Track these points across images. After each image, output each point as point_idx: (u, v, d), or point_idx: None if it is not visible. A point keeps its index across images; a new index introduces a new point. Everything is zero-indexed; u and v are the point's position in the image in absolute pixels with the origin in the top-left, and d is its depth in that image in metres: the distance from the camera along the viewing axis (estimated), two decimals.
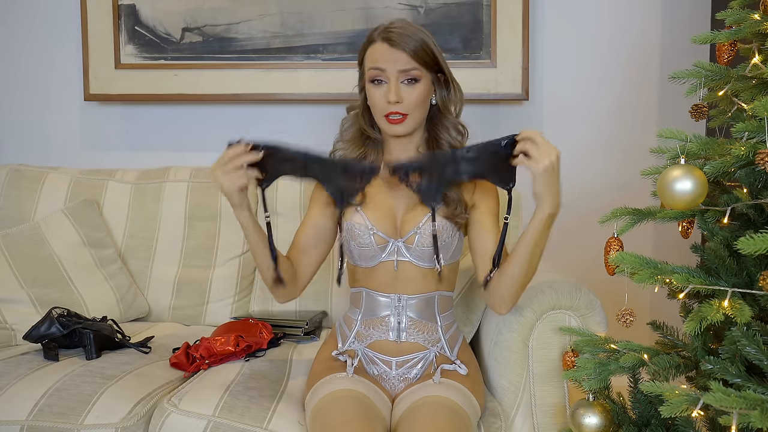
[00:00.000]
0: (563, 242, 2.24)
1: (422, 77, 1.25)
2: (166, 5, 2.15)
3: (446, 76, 1.29)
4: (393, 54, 1.23)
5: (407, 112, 1.25)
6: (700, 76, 1.14)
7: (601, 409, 1.18)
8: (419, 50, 1.23)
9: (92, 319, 1.60)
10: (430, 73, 1.26)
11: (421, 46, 1.23)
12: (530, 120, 2.22)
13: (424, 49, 1.24)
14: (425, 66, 1.24)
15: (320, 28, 2.14)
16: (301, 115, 2.25)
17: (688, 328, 0.98)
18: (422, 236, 1.27)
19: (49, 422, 1.25)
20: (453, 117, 1.32)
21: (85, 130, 2.31)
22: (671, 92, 2.17)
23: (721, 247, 1.07)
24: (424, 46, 1.24)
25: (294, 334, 1.68)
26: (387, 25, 1.26)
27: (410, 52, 1.22)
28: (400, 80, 1.24)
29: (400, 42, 1.22)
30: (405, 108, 1.24)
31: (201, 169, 2.04)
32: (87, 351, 1.48)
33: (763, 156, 0.93)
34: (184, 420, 1.23)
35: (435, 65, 1.26)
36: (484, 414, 1.30)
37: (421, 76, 1.24)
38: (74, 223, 1.87)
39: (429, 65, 1.25)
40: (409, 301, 1.30)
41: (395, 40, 1.23)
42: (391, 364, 1.29)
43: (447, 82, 1.30)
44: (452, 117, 1.32)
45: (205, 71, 2.16)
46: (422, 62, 1.24)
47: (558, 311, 1.33)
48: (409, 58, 1.23)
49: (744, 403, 0.85)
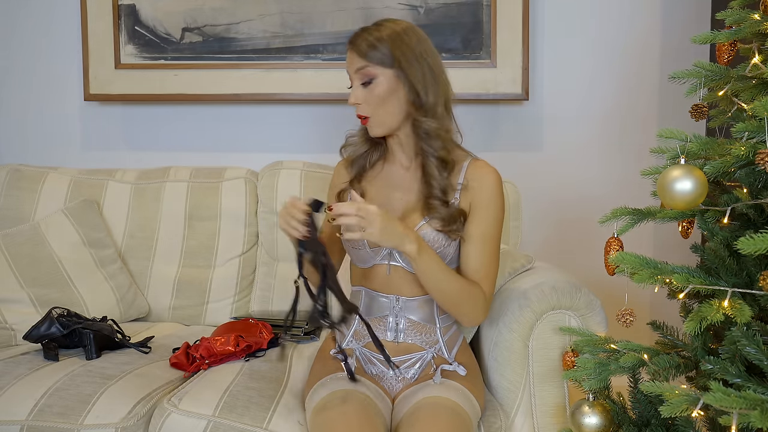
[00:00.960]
0: (563, 242, 2.25)
1: (378, 75, 1.21)
2: (166, 5, 2.15)
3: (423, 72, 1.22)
4: (350, 55, 1.24)
5: (367, 113, 1.24)
6: (700, 76, 1.14)
7: (601, 409, 1.18)
8: (371, 48, 1.20)
9: (92, 319, 1.60)
10: (392, 70, 1.21)
11: (374, 43, 1.20)
12: (530, 120, 2.22)
13: (376, 46, 1.20)
14: (380, 64, 1.21)
15: (320, 28, 2.14)
16: (301, 115, 2.25)
17: (688, 328, 0.98)
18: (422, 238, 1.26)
19: (49, 422, 1.25)
20: (427, 117, 1.23)
21: (85, 130, 2.31)
22: (671, 92, 2.17)
23: (721, 247, 1.07)
24: (378, 43, 1.20)
25: (294, 334, 1.68)
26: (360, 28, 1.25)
27: (362, 50, 1.21)
28: (359, 82, 1.23)
29: (354, 43, 1.22)
30: (365, 110, 1.24)
31: (201, 169, 2.05)
32: (87, 351, 1.48)
33: (763, 156, 0.93)
34: (184, 420, 1.23)
35: (394, 61, 1.20)
36: (484, 414, 1.30)
37: (375, 74, 1.21)
38: (74, 223, 1.87)
39: (386, 63, 1.21)
40: (407, 302, 1.30)
41: (352, 41, 1.23)
42: (388, 364, 1.29)
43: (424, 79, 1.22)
44: (426, 118, 1.23)
45: (205, 71, 2.16)
46: (376, 60, 1.20)
47: (558, 311, 1.33)
48: (360, 58, 1.21)
49: (744, 403, 0.85)
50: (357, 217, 1.09)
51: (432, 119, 1.24)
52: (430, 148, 1.25)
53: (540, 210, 2.24)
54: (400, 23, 1.25)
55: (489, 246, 1.26)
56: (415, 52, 1.22)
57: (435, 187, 1.25)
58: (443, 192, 1.25)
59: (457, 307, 1.25)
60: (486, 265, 1.26)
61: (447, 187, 1.26)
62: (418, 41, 1.24)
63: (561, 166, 2.23)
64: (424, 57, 1.23)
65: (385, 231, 1.11)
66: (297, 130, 2.26)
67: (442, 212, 1.24)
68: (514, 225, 1.88)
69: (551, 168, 2.23)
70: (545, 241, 2.25)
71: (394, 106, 1.23)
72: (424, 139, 1.25)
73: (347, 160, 1.37)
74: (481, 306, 1.26)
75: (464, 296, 1.23)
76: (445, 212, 1.24)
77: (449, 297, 1.23)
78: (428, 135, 1.24)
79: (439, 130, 1.24)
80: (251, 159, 2.20)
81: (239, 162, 2.18)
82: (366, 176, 1.35)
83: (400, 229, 1.14)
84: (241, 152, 2.27)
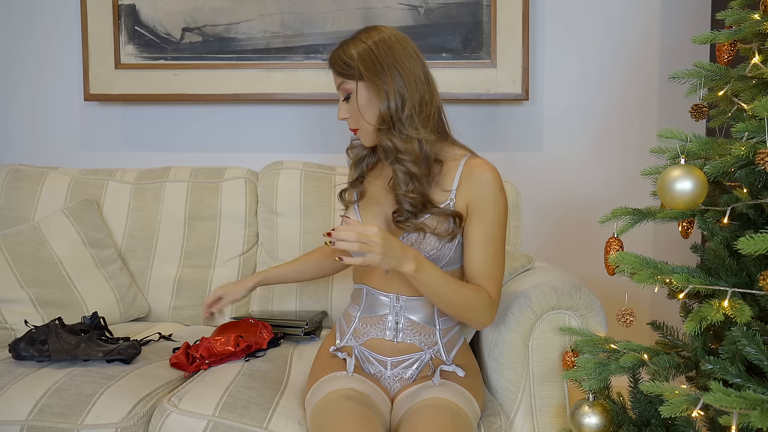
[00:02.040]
0: (563, 242, 2.25)
1: (353, 89, 1.24)
2: (166, 5, 2.15)
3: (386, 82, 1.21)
4: (332, 73, 1.29)
5: (354, 127, 1.29)
6: (700, 76, 1.14)
7: (601, 409, 1.18)
8: (341, 63, 1.25)
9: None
10: (362, 82, 1.23)
11: (344, 59, 1.24)
12: (530, 120, 2.22)
13: (344, 61, 1.24)
14: (350, 77, 1.24)
15: (320, 28, 2.14)
16: (301, 115, 2.25)
17: (688, 328, 0.98)
18: (407, 242, 1.25)
19: (49, 422, 1.25)
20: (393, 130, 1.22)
21: (85, 130, 2.31)
22: (671, 92, 2.17)
23: (721, 247, 1.07)
24: (346, 58, 1.23)
25: (294, 334, 1.68)
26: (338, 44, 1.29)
27: (336, 67, 1.26)
28: (342, 97, 1.28)
29: (330, 61, 1.28)
30: (351, 123, 1.29)
31: (201, 169, 2.05)
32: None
33: (763, 156, 0.93)
34: (184, 420, 1.23)
35: (360, 73, 1.21)
36: (484, 414, 1.30)
37: (350, 89, 1.25)
38: (74, 223, 1.87)
39: (354, 75, 1.23)
40: (408, 302, 1.30)
41: (329, 60, 1.28)
42: (386, 364, 1.29)
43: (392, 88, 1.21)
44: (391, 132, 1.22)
45: (205, 71, 2.17)
46: (346, 74, 1.24)
47: (558, 311, 1.33)
48: (336, 74, 1.27)
49: (744, 403, 0.85)
50: (358, 243, 1.09)
51: (396, 135, 1.22)
52: (396, 165, 1.24)
53: (540, 210, 2.24)
54: (374, 35, 1.24)
55: (492, 246, 1.24)
56: (383, 64, 1.21)
57: (402, 202, 1.23)
58: (413, 205, 1.23)
59: (462, 315, 1.24)
60: (489, 266, 1.24)
61: (417, 198, 1.23)
62: (390, 52, 1.22)
63: (561, 166, 2.23)
64: (394, 66, 1.21)
65: (386, 255, 1.11)
66: (297, 130, 2.26)
67: (410, 226, 1.23)
68: (514, 225, 1.88)
69: (551, 168, 2.23)
70: (545, 241, 2.25)
71: (372, 118, 1.25)
72: (391, 156, 1.24)
73: (352, 161, 1.39)
74: (487, 311, 1.25)
75: (469, 305, 1.22)
76: (413, 225, 1.23)
77: (453, 307, 1.22)
78: (396, 152, 1.23)
79: (403, 146, 1.22)
80: (251, 159, 2.20)
81: (239, 162, 2.18)
82: (368, 176, 1.37)
83: (399, 252, 1.13)
84: (241, 152, 2.27)
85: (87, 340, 1.46)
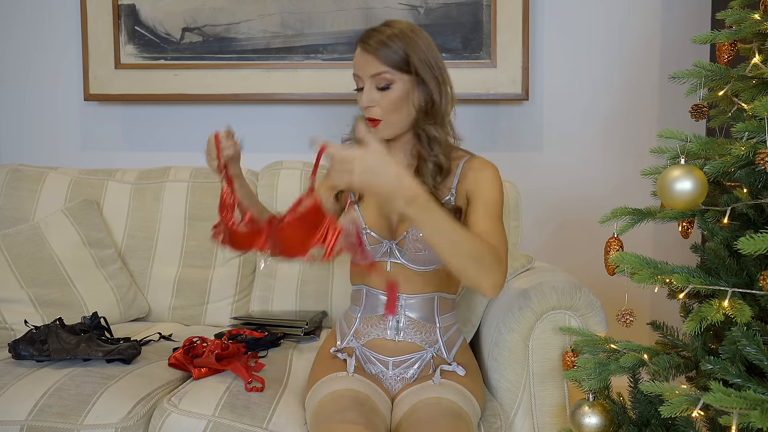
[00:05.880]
0: (563, 242, 2.25)
1: (396, 81, 1.22)
2: (166, 5, 2.15)
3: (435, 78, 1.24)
4: (365, 59, 1.23)
5: (380, 117, 1.24)
6: (700, 76, 1.14)
7: (601, 409, 1.18)
8: (390, 53, 1.21)
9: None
10: (407, 76, 1.23)
11: (393, 48, 1.21)
12: (530, 120, 2.22)
13: (396, 52, 1.21)
14: (398, 69, 1.22)
15: (320, 28, 2.14)
16: (301, 115, 2.25)
17: (688, 328, 0.98)
18: (410, 240, 1.26)
19: (49, 422, 1.25)
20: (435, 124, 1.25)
21: (85, 130, 2.31)
22: (671, 92, 2.17)
23: (721, 247, 1.07)
24: (397, 49, 1.21)
25: (294, 334, 1.68)
26: (369, 29, 1.25)
27: (380, 56, 1.21)
28: (373, 85, 1.23)
29: (371, 46, 1.22)
30: (378, 113, 1.24)
31: (201, 169, 2.04)
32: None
33: (763, 156, 0.93)
34: (184, 420, 1.23)
35: (411, 68, 1.22)
36: (484, 414, 1.30)
37: (393, 80, 1.22)
38: (74, 223, 1.87)
39: (403, 68, 1.22)
40: (408, 300, 1.30)
41: (368, 43, 1.22)
42: (387, 364, 1.30)
43: (437, 85, 1.24)
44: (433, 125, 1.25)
45: (205, 71, 2.17)
46: (394, 66, 1.21)
47: (558, 311, 1.33)
48: (379, 63, 1.21)
49: (744, 403, 0.85)
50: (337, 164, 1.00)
51: (439, 126, 1.25)
52: (430, 154, 1.26)
53: (540, 210, 2.24)
54: (415, 29, 1.25)
55: (493, 221, 1.22)
56: (427, 57, 1.23)
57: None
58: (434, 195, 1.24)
59: (472, 268, 1.07)
60: (495, 237, 1.18)
61: (438, 191, 1.26)
62: (428, 46, 1.25)
63: (561, 166, 2.23)
64: (436, 62, 1.25)
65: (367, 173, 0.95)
66: (297, 130, 2.26)
67: None
68: (514, 225, 1.88)
69: (551, 168, 2.23)
70: (545, 241, 2.25)
71: (407, 112, 1.25)
72: (426, 145, 1.26)
73: None
74: (497, 266, 1.11)
75: (480, 254, 1.07)
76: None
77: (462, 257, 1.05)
78: (430, 142, 1.25)
79: (443, 137, 1.26)
80: (251, 159, 2.19)
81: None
82: None
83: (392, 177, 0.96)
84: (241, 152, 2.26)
85: (87, 340, 1.46)
